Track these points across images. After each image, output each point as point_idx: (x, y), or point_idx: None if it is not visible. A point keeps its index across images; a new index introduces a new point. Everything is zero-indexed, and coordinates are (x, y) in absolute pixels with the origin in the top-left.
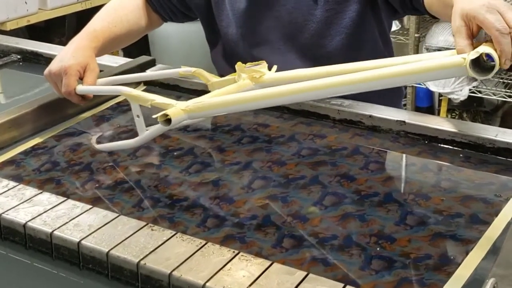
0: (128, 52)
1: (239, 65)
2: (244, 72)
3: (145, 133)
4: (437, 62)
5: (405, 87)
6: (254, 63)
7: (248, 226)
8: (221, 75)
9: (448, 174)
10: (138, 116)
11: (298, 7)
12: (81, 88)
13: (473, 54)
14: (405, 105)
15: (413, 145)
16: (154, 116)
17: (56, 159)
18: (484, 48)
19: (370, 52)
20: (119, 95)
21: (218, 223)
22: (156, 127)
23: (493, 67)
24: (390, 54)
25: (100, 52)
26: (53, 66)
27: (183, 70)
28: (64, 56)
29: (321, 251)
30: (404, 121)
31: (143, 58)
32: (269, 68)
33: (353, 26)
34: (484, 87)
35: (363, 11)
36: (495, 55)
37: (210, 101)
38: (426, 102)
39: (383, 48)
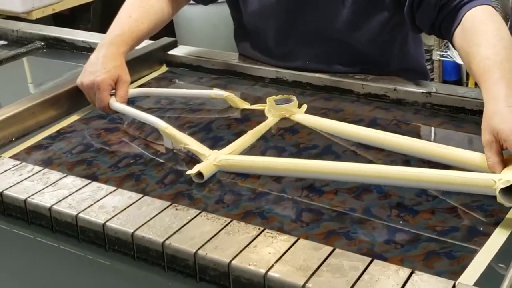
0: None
1: (269, 100)
2: (275, 109)
3: None
4: (468, 178)
5: (432, 62)
6: (284, 96)
7: (265, 201)
8: (242, 55)
9: (471, 143)
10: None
11: (325, 6)
12: (115, 106)
13: (504, 183)
14: (432, 79)
15: (435, 116)
16: (187, 173)
17: (84, 142)
18: None
19: (398, 49)
20: (145, 76)
21: (235, 199)
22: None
23: None
24: (418, 47)
25: (128, 51)
26: (84, 79)
27: (215, 93)
28: (95, 66)
29: (341, 225)
30: (429, 93)
31: (165, 40)
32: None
33: (380, 30)
34: None
35: (392, 18)
36: None
37: (242, 160)
38: (454, 76)
39: (412, 43)
